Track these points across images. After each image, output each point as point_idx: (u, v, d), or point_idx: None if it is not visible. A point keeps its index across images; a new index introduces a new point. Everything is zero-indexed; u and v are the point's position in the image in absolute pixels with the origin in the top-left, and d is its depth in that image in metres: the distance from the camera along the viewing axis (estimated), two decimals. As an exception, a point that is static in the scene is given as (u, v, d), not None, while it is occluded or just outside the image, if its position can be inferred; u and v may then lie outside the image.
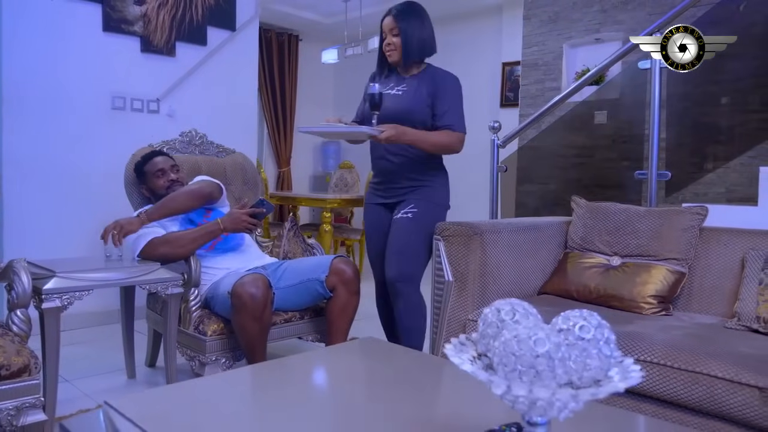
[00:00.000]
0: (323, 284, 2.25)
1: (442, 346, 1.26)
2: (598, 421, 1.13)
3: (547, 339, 0.76)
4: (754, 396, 1.49)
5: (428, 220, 2.28)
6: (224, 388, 1.28)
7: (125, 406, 1.08)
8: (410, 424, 1.06)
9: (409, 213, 2.31)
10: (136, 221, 2.25)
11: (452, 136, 2.28)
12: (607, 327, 0.82)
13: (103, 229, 2.21)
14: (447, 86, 2.31)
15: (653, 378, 1.65)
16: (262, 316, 2.07)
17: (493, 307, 0.87)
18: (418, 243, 2.30)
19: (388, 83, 2.39)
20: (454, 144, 2.29)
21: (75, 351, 2.84)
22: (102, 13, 3.31)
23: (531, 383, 0.74)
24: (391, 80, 2.40)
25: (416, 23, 2.30)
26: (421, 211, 2.32)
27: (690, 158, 3.43)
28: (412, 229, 2.30)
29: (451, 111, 2.29)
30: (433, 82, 2.31)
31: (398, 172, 2.37)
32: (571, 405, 0.76)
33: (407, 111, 2.29)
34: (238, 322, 2.08)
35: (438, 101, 2.29)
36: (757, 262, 2.00)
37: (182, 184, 2.46)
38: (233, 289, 2.07)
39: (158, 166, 2.44)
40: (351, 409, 1.14)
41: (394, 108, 2.30)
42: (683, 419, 1.62)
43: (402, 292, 2.30)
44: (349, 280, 2.26)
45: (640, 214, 2.30)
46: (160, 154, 2.51)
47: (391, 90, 2.36)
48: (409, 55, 2.31)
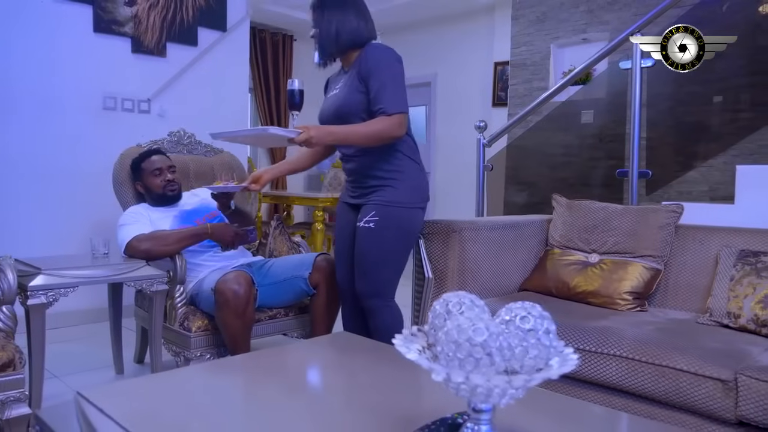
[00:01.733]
0: (306, 281, 2.28)
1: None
2: (545, 408, 1.17)
3: (485, 329, 0.79)
4: (717, 389, 1.53)
5: (391, 226, 2.01)
6: (195, 379, 1.32)
7: (97, 397, 1.12)
8: (369, 413, 1.10)
9: (370, 222, 2.02)
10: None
11: (385, 122, 1.91)
12: (548, 318, 0.86)
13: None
14: (377, 64, 1.95)
15: (622, 372, 1.69)
16: (244, 312, 2.11)
17: (442, 300, 0.91)
18: (382, 254, 2.03)
19: (333, 86, 2.13)
20: (389, 130, 1.92)
21: (65, 348, 2.89)
22: (93, 14, 3.35)
23: (469, 371, 0.78)
24: (335, 81, 2.14)
25: (334, 13, 2.00)
26: (383, 217, 2.01)
27: (675, 157, 3.47)
28: (373, 240, 2.02)
29: (382, 90, 1.92)
30: (364, 64, 1.96)
31: (360, 171, 2.08)
32: (510, 392, 0.80)
33: (341, 110, 2.02)
34: (222, 318, 2.12)
35: (369, 83, 1.95)
36: (729, 258, 2.04)
37: (178, 185, 2.50)
38: (216, 285, 2.11)
39: (156, 165, 2.47)
40: (313, 399, 1.19)
41: (329, 111, 2.07)
42: (651, 412, 1.66)
43: (372, 308, 2.07)
44: (332, 278, 2.30)
45: (617, 212, 2.35)
46: (157, 153, 2.55)
47: (332, 92, 2.10)
48: (324, 50, 2.04)
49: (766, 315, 1.81)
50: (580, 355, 1.77)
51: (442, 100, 6.21)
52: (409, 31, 6.33)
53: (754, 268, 1.93)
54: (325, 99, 2.14)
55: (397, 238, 2.03)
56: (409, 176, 2.05)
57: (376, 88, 1.93)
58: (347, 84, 2.01)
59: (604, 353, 1.73)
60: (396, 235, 2.02)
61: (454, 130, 5.98)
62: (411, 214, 2.05)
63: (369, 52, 1.97)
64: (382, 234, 2.01)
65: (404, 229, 2.05)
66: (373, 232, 2.01)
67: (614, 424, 1.13)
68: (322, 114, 2.11)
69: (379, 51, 1.98)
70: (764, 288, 1.86)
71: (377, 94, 1.93)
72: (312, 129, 1.87)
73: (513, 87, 4.46)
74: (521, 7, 4.36)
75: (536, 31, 4.26)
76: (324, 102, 2.13)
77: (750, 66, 3.23)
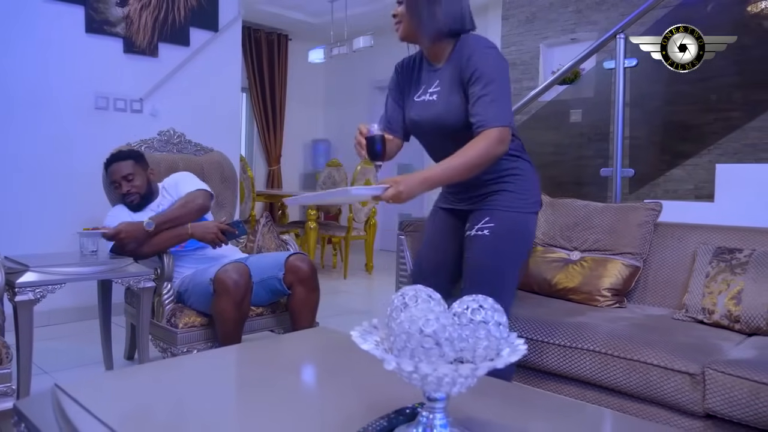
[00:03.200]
0: (281, 282, 2.31)
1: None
2: (506, 399, 1.21)
3: (435, 320, 0.83)
4: (685, 382, 1.56)
5: (512, 233, 1.75)
6: (171, 372, 1.36)
7: (74, 388, 1.16)
8: (336, 403, 1.14)
9: (485, 229, 1.74)
10: (140, 228, 2.26)
11: (483, 142, 1.59)
12: (499, 311, 0.90)
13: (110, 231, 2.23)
14: (484, 67, 1.64)
15: (595, 366, 1.73)
16: (242, 302, 2.16)
17: (399, 293, 0.95)
18: (500, 266, 1.74)
19: (419, 84, 1.81)
20: (490, 151, 1.60)
21: (55, 345, 2.92)
22: (85, 14, 3.39)
23: (418, 360, 0.82)
24: (422, 78, 1.81)
25: None
26: (500, 223, 1.74)
27: (661, 156, 3.50)
28: (490, 249, 1.73)
29: (485, 99, 1.61)
30: (468, 63, 1.66)
31: (469, 180, 1.71)
32: (460, 380, 0.83)
33: (441, 120, 1.73)
34: (220, 307, 2.15)
35: (471, 88, 1.65)
36: (706, 256, 2.08)
37: (138, 194, 2.43)
38: (216, 275, 2.15)
39: (112, 177, 2.43)
40: (283, 391, 1.22)
41: (426, 121, 1.77)
42: (623, 405, 1.70)
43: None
44: (306, 278, 2.32)
45: (598, 210, 2.38)
46: (118, 159, 2.45)
47: (424, 95, 1.78)
48: (423, 31, 1.70)
49: (739, 311, 1.85)
50: (555, 350, 1.82)
51: (436, 99, 6.22)
52: (404, 31, 6.36)
53: (729, 264, 1.97)
54: (415, 103, 1.80)
55: (515, 246, 1.77)
56: (524, 177, 1.79)
57: (478, 95, 1.62)
58: (445, 87, 1.72)
59: (578, 348, 1.77)
60: (513, 242, 1.76)
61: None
62: (527, 219, 1.78)
63: (474, 50, 1.66)
64: (500, 242, 1.74)
65: (521, 236, 1.78)
66: (489, 240, 1.74)
67: (568, 412, 1.17)
68: (415, 124, 1.81)
69: (485, 50, 1.67)
70: (737, 284, 1.90)
71: (479, 102, 1.62)
72: (401, 183, 1.55)
73: (503, 86, 4.49)
74: (511, 7, 4.40)
75: (526, 31, 4.29)
76: (414, 107, 1.80)
77: (735, 65, 3.26)
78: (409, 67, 1.86)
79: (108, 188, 2.63)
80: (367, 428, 0.95)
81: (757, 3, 3.22)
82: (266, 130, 6.97)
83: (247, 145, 7.10)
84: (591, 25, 3.93)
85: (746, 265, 1.92)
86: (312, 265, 2.35)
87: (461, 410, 1.03)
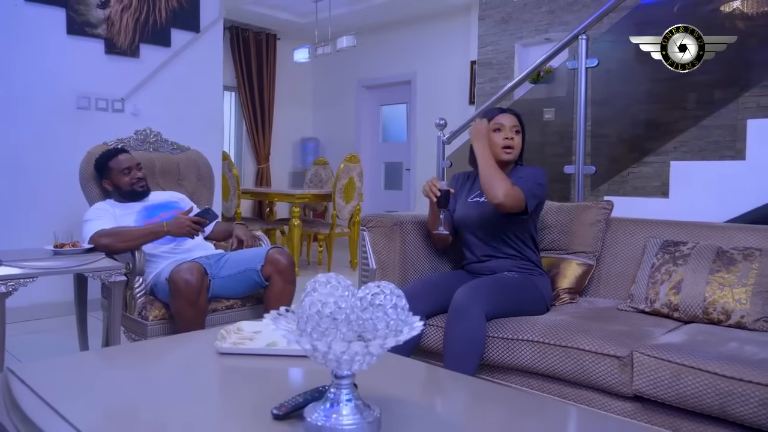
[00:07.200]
0: (259, 273, 2.40)
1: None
2: (418, 379, 1.30)
3: (334, 303, 0.92)
4: (614, 365, 1.65)
5: (524, 283, 2.09)
6: (125, 359, 1.45)
7: (25, 372, 1.24)
8: (261, 385, 1.22)
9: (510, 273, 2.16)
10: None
11: (512, 188, 2.04)
12: (398, 295, 0.98)
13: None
14: (527, 172, 2.20)
15: (534, 355, 1.81)
16: (197, 301, 2.24)
17: (313, 280, 1.03)
18: (505, 288, 2.05)
19: (474, 188, 2.30)
20: (507, 192, 2.02)
21: (36, 338, 3.01)
22: (66, 16, 3.47)
23: (315, 338, 0.90)
24: (476, 185, 2.28)
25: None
26: (520, 276, 2.13)
27: (629, 153, 3.58)
28: (506, 279, 2.11)
29: (522, 180, 2.12)
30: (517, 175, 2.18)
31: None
32: (358, 358, 0.92)
33: (485, 218, 2.21)
34: (176, 306, 2.25)
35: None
36: (653, 248, 2.16)
37: (146, 182, 2.62)
38: (170, 275, 2.24)
39: (124, 164, 2.58)
40: (208, 376, 1.31)
41: (473, 218, 2.24)
42: (562, 391, 1.78)
43: (468, 314, 1.86)
44: (284, 270, 2.41)
45: (553, 210, 2.45)
46: (123, 152, 2.65)
47: (479, 197, 2.25)
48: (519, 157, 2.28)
49: (678, 300, 1.94)
50: (499, 342, 1.89)
51: (421, 98, 6.32)
52: (389, 31, 6.44)
53: (672, 256, 2.05)
54: (466, 202, 2.30)
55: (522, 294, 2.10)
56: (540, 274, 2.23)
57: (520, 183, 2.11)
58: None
59: (519, 339, 1.85)
60: (521, 292, 2.10)
61: (433, 127, 6.10)
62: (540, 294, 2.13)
63: (524, 169, 2.24)
64: (514, 280, 2.12)
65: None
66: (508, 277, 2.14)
67: (474, 391, 1.26)
68: (464, 219, 2.27)
69: (532, 168, 2.27)
70: (678, 275, 1.98)
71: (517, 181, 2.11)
72: None
73: (480, 85, 4.58)
74: (487, 7, 4.48)
75: (501, 31, 4.37)
76: (464, 206, 2.29)
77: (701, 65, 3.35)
78: (465, 179, 2.39)
79: (87, 185, 2.71)
80: (284, 404, 1.03)
81: (723, 4, 3.31)
82: (255, 128, 7.05)
83: (236, 144, 7.19)
84: (563, 26, 4.01)
85: (688, 257, 2.01)
86: (291, 258, 2.44)
87: (378, 389, 1.11)
